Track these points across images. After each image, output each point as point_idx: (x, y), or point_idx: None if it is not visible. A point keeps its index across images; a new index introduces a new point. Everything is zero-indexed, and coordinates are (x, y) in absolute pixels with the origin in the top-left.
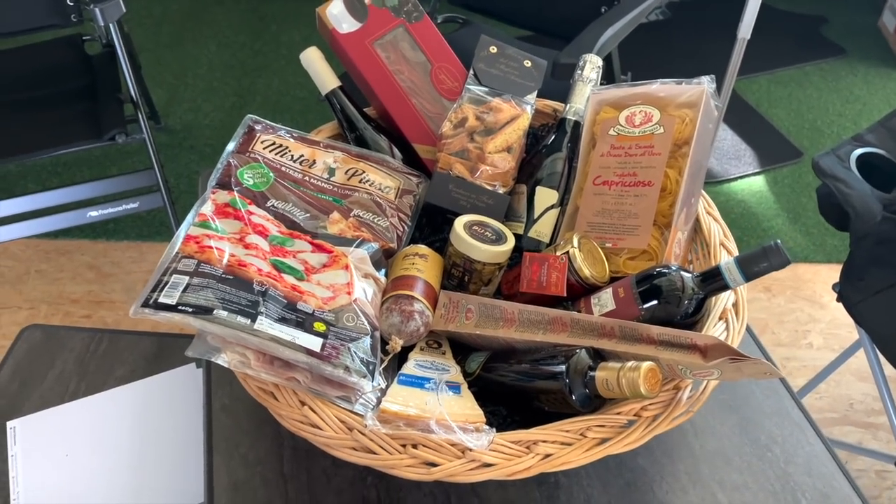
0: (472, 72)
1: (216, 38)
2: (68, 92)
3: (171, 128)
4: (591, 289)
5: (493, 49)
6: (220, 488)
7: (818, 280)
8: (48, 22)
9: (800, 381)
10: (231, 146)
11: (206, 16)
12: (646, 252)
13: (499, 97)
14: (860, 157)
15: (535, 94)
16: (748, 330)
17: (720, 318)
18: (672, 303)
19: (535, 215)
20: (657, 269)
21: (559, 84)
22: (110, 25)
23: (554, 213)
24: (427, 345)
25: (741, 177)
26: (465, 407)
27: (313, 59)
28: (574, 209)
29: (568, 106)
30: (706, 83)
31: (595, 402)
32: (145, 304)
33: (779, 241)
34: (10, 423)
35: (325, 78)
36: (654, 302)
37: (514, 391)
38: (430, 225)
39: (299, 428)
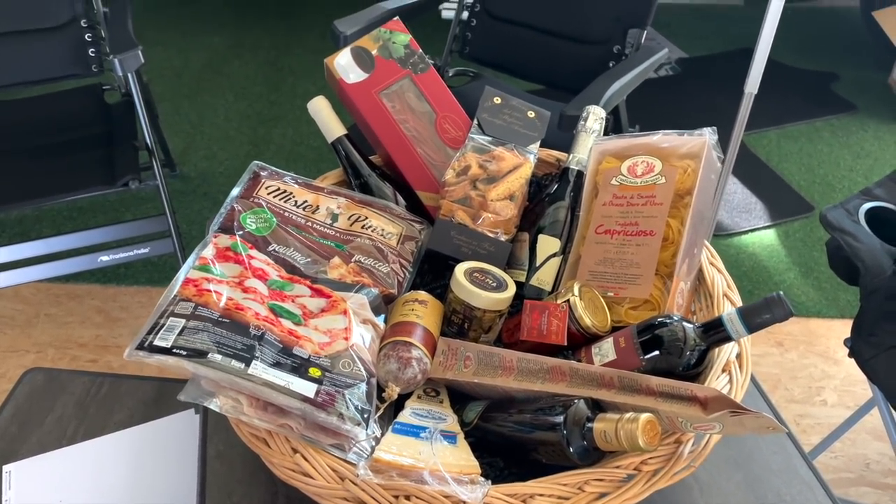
0: (476, 121)
1: (233, 89)
2: (85, 139)
3: (186, 175)
4: (593, 338)
5: (497, 100)
6: None
7: (832, 335)
8: (70, 72)
9: (814, 439)
10: (235, 191)
11: (224, 68)
12: (648, 302)
13: (502, 146)
14: (869, 211)
15: (537, 143)
16: (755, 384)
17: (723, 371)
18: (674, 353)
19: (538, 263)
20: (659, 320)
21: (566, 136)
22: (129, 75)
23: (556, 261)
24: (425, 393)
25: (752, 230)
26: (461, 458)
27: (320, 108)
28: (576, 258)
29: (571, 156)
30: (708, 135)
31: (594, 455)
32: (140, 347)
33: (781, 293)
34: (6, 468)
35: (332, 126)
36: (656, 353)
37: (512, 442)
38: (433, 271)
39: (290, 476)
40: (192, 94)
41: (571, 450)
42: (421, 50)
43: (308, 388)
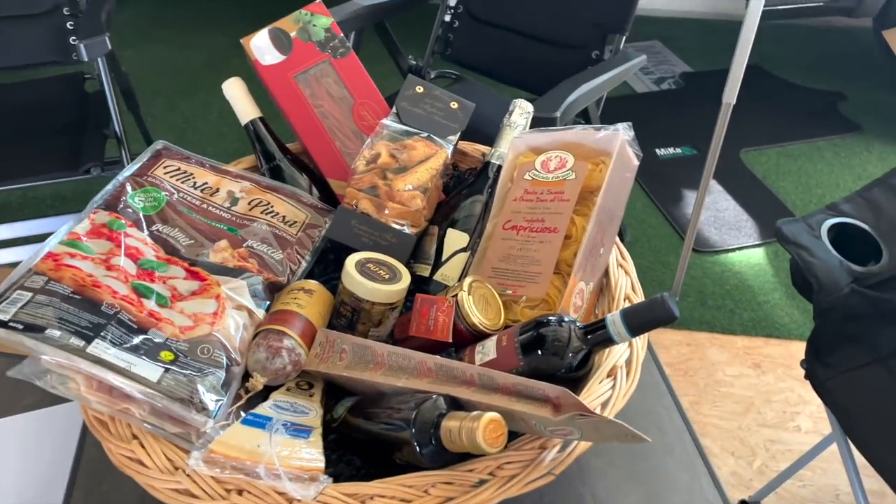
0: (394, 109)
1: None
2: (58, 126)
3: None
4: (482, 337)
5: (420, 89)
6: None
7: None
8: (51, 58)
9: (783, 465)
10: (130, 169)
11: (224, 66)
12: (545, 301)
13: (417, 136)
14: (834, 227)
15: (457, 135)
16: (671, 393)
17: (608, 375)
18: (554, 354)
19: (444, 258)
20: (542, 319)
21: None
22: (99, 62)
23: (463, 256)
24: (296, 385)
25: (740, 248)
26: (305, 453)
27: (234, 89)
28: (483, 254)
29: (493, 150)
30: (622, 130)
31: (446, 457)
32: None
33: (666, 294)
34: None
35: (244, 108)
36: (536, 353)
37: (375, 441)
38: (337, 262)
39: (125, 464)
40: (189, 90)
41: (419, 449)
42: (342, 34)
43: (152, 372)
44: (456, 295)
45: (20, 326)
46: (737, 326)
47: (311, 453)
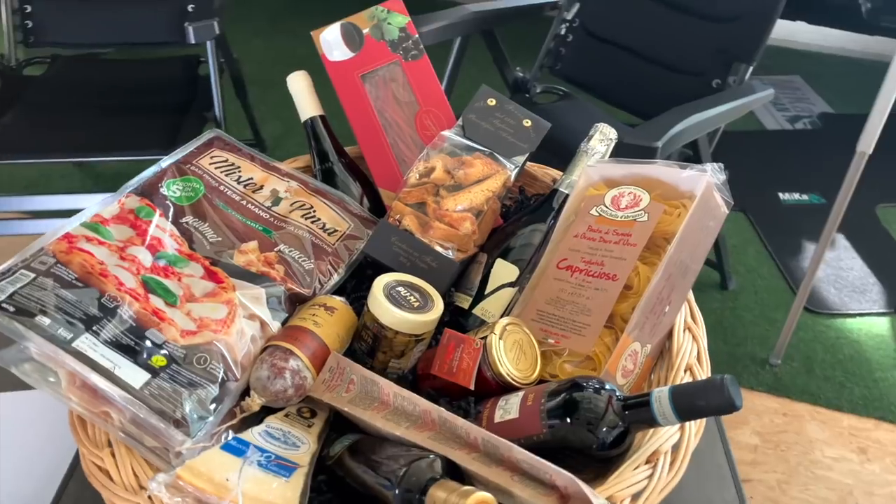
0: (459, 122)
1: None
2: (165, 105)
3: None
4: (509, 389)
5: (492, 101)
6: None
7: None
8: (166, 39)
9: None
10: (175, 156)
11: None
12: (590, 359)
13: (479, 153)
14: None
15: (524, 156)
16: (738, 494)
17: (647, 461)
18: (585, 426)
19: (488, 291)
20: (579, 381)
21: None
22: (208, 45)
23: (509, 292)
24: (297, 412)
25: (861, 314)
26: (275, 494)
27: (298, 84)
28: (530, 292)
29: (564, 176)
30: (711, 172)
31: None
32: None
33: (728, 378)
34: None
35: (305, 104)
36: (563, 421)
37: (360, 491)
38: (373, 280)
39: (92, 472)
40: None
41: None
42: (417, 35)
43: (136, 377)
44: (486, 337)
45: (11, 309)
46: (845, 402)
47: (286, 497)
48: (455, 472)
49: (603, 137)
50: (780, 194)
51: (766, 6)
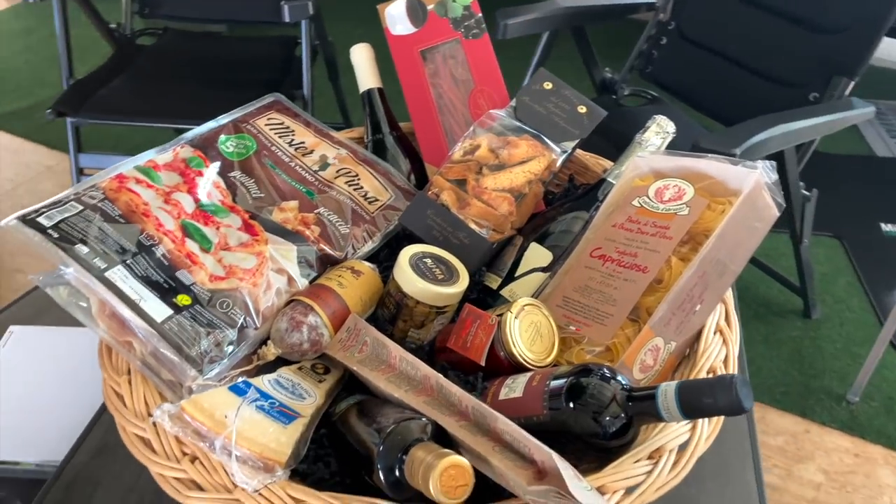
0: (512, 102)
1: None
2: (259, 81)
3: None
4: (521, 370)
5: (548, 85)
6: (85, 448)
7: None
8: (269, 18)
9: None
10: (234, 114)
11: None
12: (609, 350)
13: (527, 136)
14: None
15: (574, 142)
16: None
17: (649, 457)
18: (583, 413)
19: (518, 273)
20: (586, 367)
21: None
22: (302, 27)
23: (539, 276)
24: (311, 367)
25: None
26: (272, 439)
27: (360, 55)
28: (560, 278)
29: (614, 167)
30: (762, 170)
31: (410, 492)
32: (22, 217)
33: (738, 377)
34: (12, 327)
35: (365, 76)
36: (565, 405)
37: (356, 448)
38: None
39: (109, 397)
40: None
41: (381, 476)
42: (480, 14)
43: (159, 312)
44: (502, 315)
45: (56, 235)
46: None
47: (280, 441)
48: (444, 439)
49: (659, 130)
50: (883, 225)
51: (875, 19)
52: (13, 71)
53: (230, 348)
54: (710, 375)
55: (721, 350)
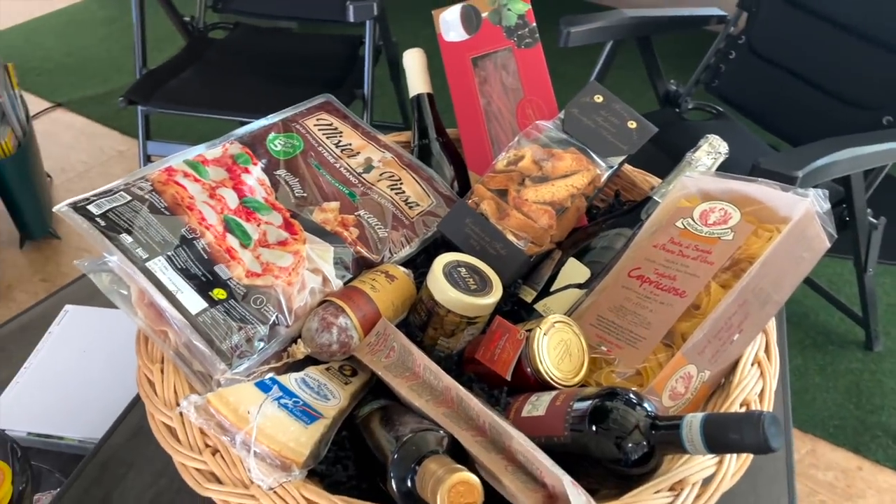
0: (560, 114)
1: None
2: (322, 78)
3: None
4: (547, 388)
5: (599, 98)
6: (122, 430)
7: None
8: (337, 17)
9: None
10: (285, 113)
11: None
12: (640, 374)
13: (573, 149)
14: None
15: (621, 158)
16: None
17: (671, 489)
18: (605, 437)
19: (554, 288)
20: (612, 390)
21: None
22: (367, 26)
23: (575, 293)
24: (339, 369)
25: None
26: (292, 438)
27: (413, 60)
28: (595, 296)
29: (661, 185)
30: (813, 198)
31: (423, 503)
32: (73, 204)
33: (767, 415)
34: (67, 306)
35: (416, 81)
36: (587, 427)
37: (374, 454)
38: None
39: (142, 384)
40: None
41: (393, 486)
42: (535, 24)
43: (195, 304)
44: (531, 330)
45: (103, 224)
46: None
47: (299, 441)
48: (461, 454)
49: (711, 149)
50: None
51: None
52: (94, 58)
53: (260, 344)
54: (744, 409)
55: (758, 383)
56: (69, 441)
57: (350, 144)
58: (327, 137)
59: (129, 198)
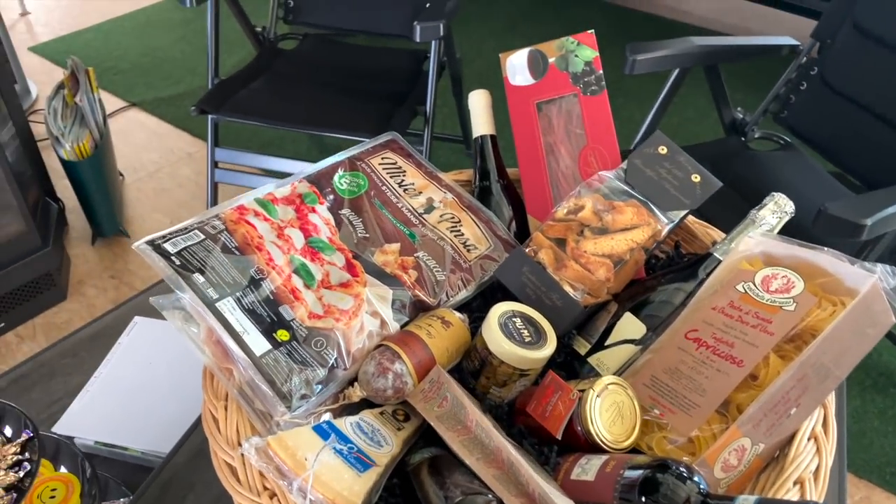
0: (623, 164)
1: None
2: (386, 92)
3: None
4: (597, 449)
5: (663, 150)
6: (185, 450)
7: None
8: (403, 32)
9: None
10: (352, 152)
11: None
12: (691, 442)
13: (634, 201)
14: None
15: (683, 212)
16: None
17: None
18: None
19: (608, 342)
20: (665, 462)
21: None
22: (433, 44)
23: (630, 349)
24: (392, 413)
25: None
26: (345, 487)
27: (477, 101)
28: (650, 356)
29: (723, 242)
30: (881, 273)
31: None
32: (150, 241)
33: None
34: (137, 318)
35: (480, 122)
36: (636, 498)
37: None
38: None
39: (206, 419)
40: None
41: None
42: (602, 71)
43: (260, 345)
44: (584, 390)
45: (178, 263)
46: None
47: (353, 490)
48: None
49: (777, 209)
50: None
51: None
52: (168, 59)
53: (318, 387)
54: (797, 487)
55: (813, 460)
56: (133, 452)
57: (413, 184)
58: (391, 176)
59: (203, 236)
